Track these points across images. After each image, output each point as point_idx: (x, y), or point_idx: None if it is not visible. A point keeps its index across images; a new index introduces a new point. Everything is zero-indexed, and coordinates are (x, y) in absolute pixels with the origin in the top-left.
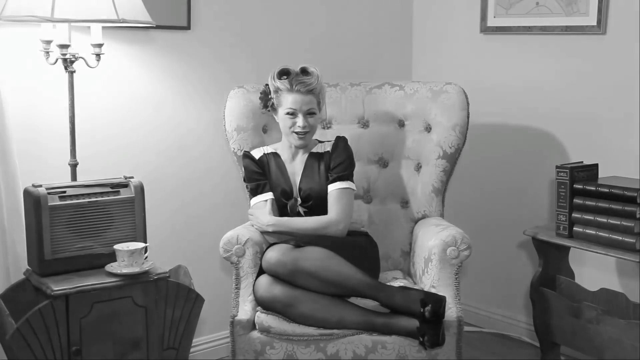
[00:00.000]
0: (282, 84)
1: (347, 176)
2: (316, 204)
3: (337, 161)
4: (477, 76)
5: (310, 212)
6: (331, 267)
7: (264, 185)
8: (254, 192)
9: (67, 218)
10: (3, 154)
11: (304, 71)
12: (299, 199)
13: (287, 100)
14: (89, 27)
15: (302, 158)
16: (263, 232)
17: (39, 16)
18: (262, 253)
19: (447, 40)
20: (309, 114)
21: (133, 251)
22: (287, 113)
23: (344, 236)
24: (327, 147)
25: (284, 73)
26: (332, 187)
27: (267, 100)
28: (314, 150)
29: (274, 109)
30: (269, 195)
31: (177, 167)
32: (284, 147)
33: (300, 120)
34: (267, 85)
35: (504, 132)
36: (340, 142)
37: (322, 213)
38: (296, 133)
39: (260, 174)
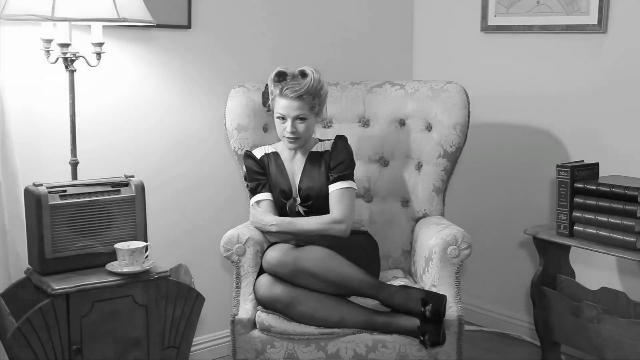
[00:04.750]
0: (275, 87)
1: (348, 175)
2: (316, 204)
3: (337, 160)
4: (478, 75)
5: (309, 212)
6: (332, 266)
7: (263, 185)
8: (254, 192)
9: (68, 217)
10: (4, 153)
11: (302, 73)
12: (298, 199)
13: (278, 105)
14: (89, 26)
15: (301, 158)
16: (264, 232)
17: (40, 15)
18: (263, 252)
19: (448, 39)
20: (298, 119)
21: (134, 250)
22: (277, 117)
23: (347, 236)
24: (327, 146)
25: (280, 75)
26: (334, 187)
27: (266, 100)
28: (314, 149)
29: (272, 110)
30: (268, 195)
31: (178, 166)
32: (284, 146)
33: (288, 126)
34: (267, 85)
35: (504, 131)
36: (340, 142)
37: (321, 212)
38: (287, 138)
39: (261, 174)
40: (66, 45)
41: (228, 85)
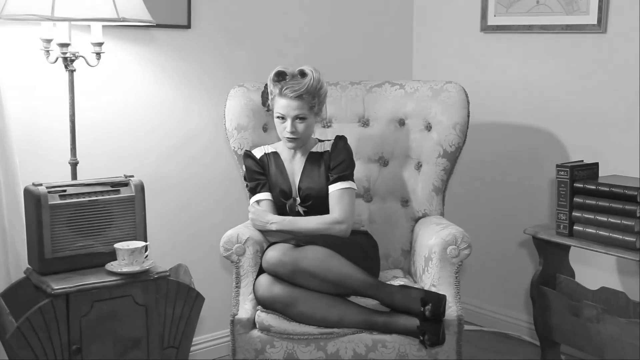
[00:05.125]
0: (275, 87)
1: (348, 176)
2: (315, 204)
3: (337, 161)
4: (478, 75)
5: (309, 212)
6: (331, 266)
7: (263, 185)
8: (253, 191)
9: (68, 217)
10: (3, 153)
11: (302, 73)
12: (298, 199)
13: (278, 105)
14: (89, 25)
15: (301, 158)
16: (264, 232)
17: (39, 15)
18: (263, 252)
19: (448, 39)
20: (298, 119)
21: (133, 250)
22: (277, 117)
23: (348, 236)
24: (327, 147)
25: (279, 75)
26: (334, 188)
27: (266, 100)
28: (314, 149)
29: (271, 110)
30: (268, 195)
31: (178, 166)
32: (284, 146)
33: (288, 126)
34: (266, 85)
35: (504, 130)
36: (340, 142)
37: (321, 212)
38: (286, 137)
39: (260, 174)
40: (66, 45)
41: (228, 85)
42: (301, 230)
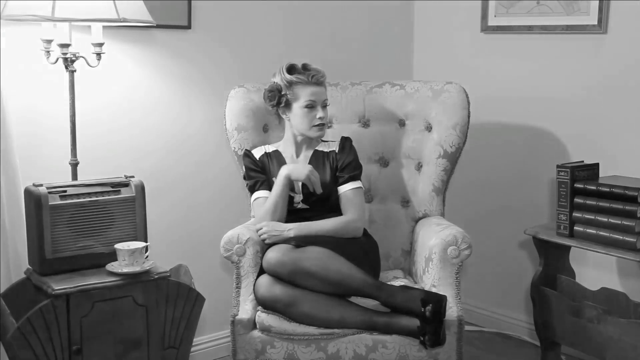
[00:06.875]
0: (297, 77)
1: (358, 175)
2: (319, 201)
3: (347, 161)
4: (478, 75)
5: (312, 209)
6: (332, 267)
7: (262, 182)
8: (252, 190)
9: (68, 217)
10: (4, 153)
11: (306, 66)
12: (300, 195)
13: (305, 93)
14: (89, 26)
15: (306, 155)
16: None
17: (40, 15)
18: (263, 252)
19: (448, 40)
20: (325, 106)
21: (134, 250)
22: (307, 106)
23: (361, 235)
24: (332, 147)
25: (293, 68)
26: (345, 188)
27: (280, 97)
28: (319, 148)
29: (288, 105)
30: (267, 193)
31: (178, 166)
32: (286, 145)
33: (319, 112)
34: (274, 82)
35: (504, 131)
36: (347, 143)
37: (323, 210)
38: (316, 125)
39: (258, 172)
40: (66, 46)
41: (228, 85)
42: (318, 233)
